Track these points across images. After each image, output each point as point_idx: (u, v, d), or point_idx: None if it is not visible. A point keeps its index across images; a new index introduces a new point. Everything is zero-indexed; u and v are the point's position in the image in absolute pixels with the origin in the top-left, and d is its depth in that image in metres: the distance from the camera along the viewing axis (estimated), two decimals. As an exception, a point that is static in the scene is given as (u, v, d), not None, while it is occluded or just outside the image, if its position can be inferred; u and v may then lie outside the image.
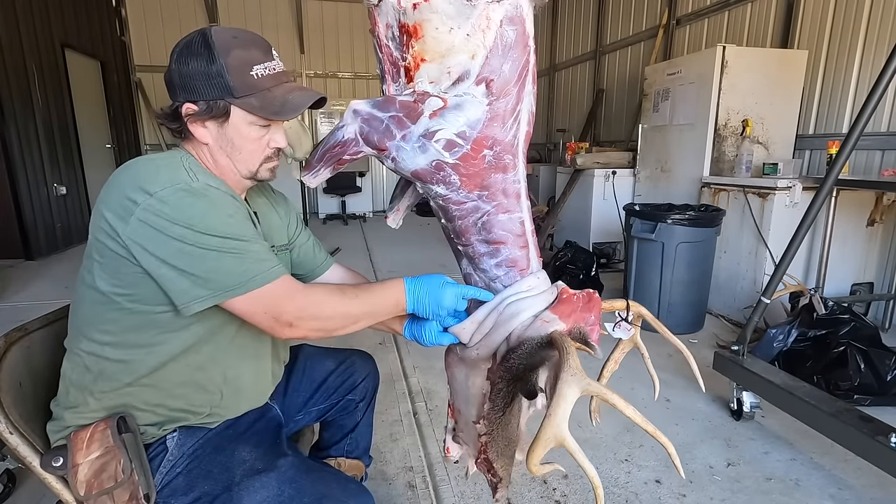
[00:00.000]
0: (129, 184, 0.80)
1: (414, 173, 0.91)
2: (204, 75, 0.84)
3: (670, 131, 3.74)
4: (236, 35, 0.87)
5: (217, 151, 0.91)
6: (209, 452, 0.90)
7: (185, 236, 0.78)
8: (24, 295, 3.71)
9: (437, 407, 2.13)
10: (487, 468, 1.01)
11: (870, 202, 2.99)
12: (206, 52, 0.84)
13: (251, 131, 0.90)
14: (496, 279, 0.97)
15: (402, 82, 0.91)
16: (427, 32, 0.84)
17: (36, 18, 4.86)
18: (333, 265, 1.22)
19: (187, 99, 0.86)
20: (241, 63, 0.85)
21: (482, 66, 0.85)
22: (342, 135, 0.92)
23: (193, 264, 0.79)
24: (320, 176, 0.96)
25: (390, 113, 0.88)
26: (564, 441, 0.71)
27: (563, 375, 0.76)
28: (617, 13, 5.85)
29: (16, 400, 0.88)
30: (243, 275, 0.81)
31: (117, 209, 0.79)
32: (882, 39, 3.02)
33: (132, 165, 0.85)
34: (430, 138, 0.87)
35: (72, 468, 0.83)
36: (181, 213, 0.78)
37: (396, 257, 4.91)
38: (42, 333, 0.99)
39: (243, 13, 7.44)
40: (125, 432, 0.85)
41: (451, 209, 0.94)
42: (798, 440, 1.90)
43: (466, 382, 1.01)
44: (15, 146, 4.55)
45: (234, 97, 0.85)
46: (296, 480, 0.87)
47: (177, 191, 0.79)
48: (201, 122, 0.87)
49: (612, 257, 4.50)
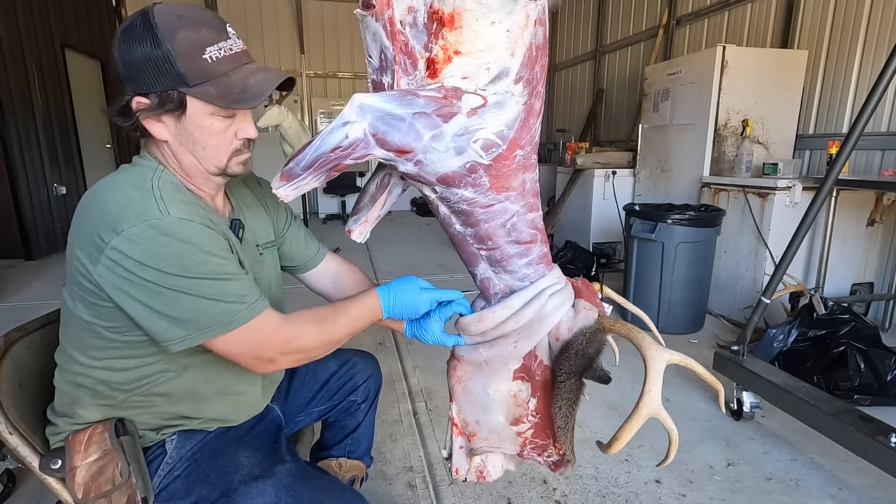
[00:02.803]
0: (97, 219, 0.74)
1: (442, 177, 0.83)
2: (151, 63, 0.74)
3: (670, 131, 3.74)
4: (182, 13, 0.76)
5: (178, 149, 0.82)
6: (207, 456, 0.90)
7: (158, 279, 0.73)
8: (24, 295, 3.72)
9: (437, 407, 2.13)
10: (559, 450, 1.01)
11: (870, 202, 2.99)
12: (150, 36, 0.74)
13: (213, 123, 0.81)
14: (525, 278, 0.93)
15: (420, 76, 0.81)
16: (466, 23, 0.76)
17: (36, 18, 4.86)
18: (327, 257, 1.19)
19: (136, 92, 0.77)
20: (190, 46, 0.75)
21: (521, 65, 0.80)
22: (345, 135, 0.78)
23: (169, 306, 0.75)
24: (304, 187, 0.80)
25: (414, 109, 0.77)
26: (660, 412, 0.78)
27: (647, 353, 0.82)
28: (617, 13, 5.85)
29: (16, 400, 0.88)
30: (221, 316, 0.77)
31: (87, 247, 0.75)
32: (882, 39, 3.02)
33: (100, 194, 0.78)
34: (470, 138, 0.80)
35: (69, 470, 0.83)
36: (152, 254, 0.72)
37: (396, 257, 4.91)
38: (42, 333, 0.99)
39: (243, 13, 7.44)
40: (123, 435, 0.84)
41: (477, 213, 0.87)
42: (798, 440, 1.90)
43: (486, 391, 0.99)
44: (15, 146, 4.55)
45: (188, 86, 0.76)
46: (293, 488, 0.86)
47: (147, 228, 0.72)
48: (155, 117, 0.79)
49: (612, 257, 4.49)
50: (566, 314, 0.92)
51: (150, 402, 0.87)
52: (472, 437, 1.06)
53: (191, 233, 0.76)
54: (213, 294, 0.76)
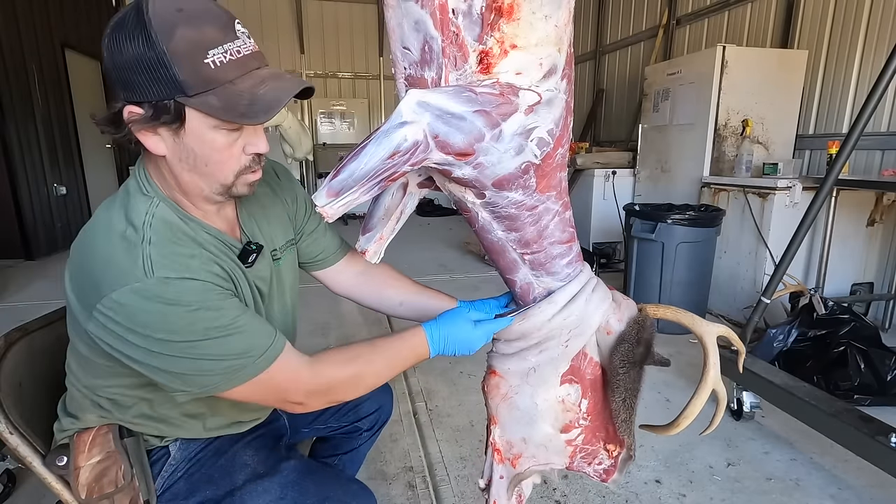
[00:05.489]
0: (86, 272, 0.69)
1: (498, 181, 0.76)
2: (143, 66, 0.63)
3: (670, 131, 3.74)
4: (182, 6, 0.64)
5: (177, 165, 0.72)
6: (210, 456, 0.90)
7: (148, 344, 0.67)
8: (24, 295, 3.72)
9: (437, 407, 2.13)
10: (625, 445, 1.00)
11: (870, 202, 2.99)
12: (142, 34, 0.62)
13: (216, 137, 0.70)
14: (566, 278, 0.89)
15: (470, 70, 0.73)
16: (523, 16, 0.71)
17: (36, 18, 4.86)
18: (348, 255, 1.07)
19: (128, 99, 0.67)
20: (190, 47, 0.63)
21: (566, 62, 0.77)
22: (404, 137, 0.68)
23: (167, 364, 0.68)
24: (353, 202, 0.71)
25: (474, 107, 0.70)
26: (719, 384, 0.86)
27: (700, 330, 0.87)
28: (617, 13, 5.85)
29: (16, 400, 0.87)
30: (225, 373, 0.70)
31: (80, 297, 0.70)
32: (882, 39, 3.02)
33: (92, 237, 0.71)
34: (527, 137, 0.74)
35: (73, 470, 0.82)
36: (136, 320, 0.66)
37: (397, 257, 4.90)
38: (42, 333, 0.99)
39: (243, 13, 7.43)
40: (128, 437, 0.84)
41: (523, 216, 0.82)
42: (798, 440, 1.90)
43: (535, 402, 0.94)
44: (15, 146, 4.55)
45: (187, 95, 0.65)
46: (298, 483, 0.86)
47: (129, 294, 0.65)
48: (150, 129, 0.68)
49: (612, 257, 4.49)
50: (611, 307, 0.91)
51: (157, 416, 0.86)
52: (516, 461, 0.99)
53: (175, 292, 0.67)
54: (212, 353, 0.69)
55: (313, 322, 3.08)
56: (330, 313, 3.23)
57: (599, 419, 0.98)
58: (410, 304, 1.07)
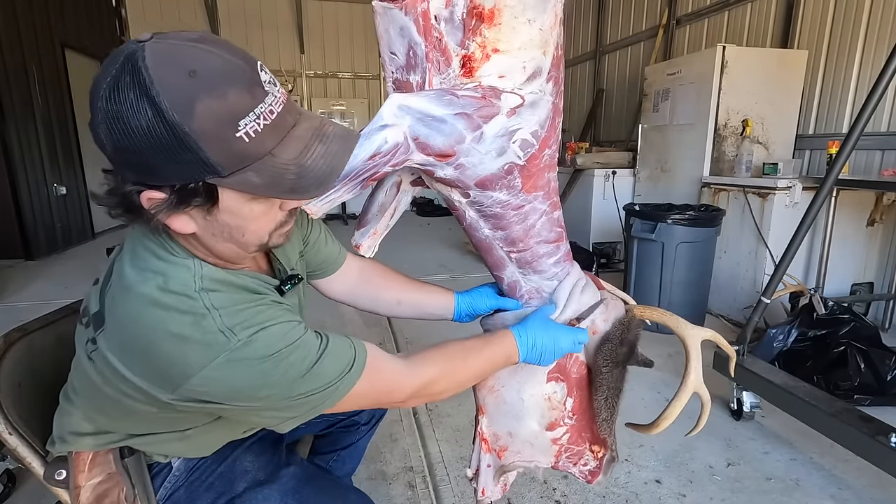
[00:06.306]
0: (157, 356, 0.62)
1: (481, 181, 0.79)
2: (161, 148, 0.52)
3: (670, 131, 3.74)
4: (193, 68, 0.52)
5: (210, 239, 0.65)
6: (210, 463, 0.89)
7: (251, 402, 0.66)
8: (24, 295, 3.71)
9: (437, 407, 2.13)
10: (596, 454, 1.02)
11: (870, 202, 2.99)
12: (151, 107, 0.51)
13: (254, 207, 0.62)
14: (553, 277, 0.92)
15: (453, 74, 0.76)
16: (505, 20, 0.73)
17: (36, 18, 4.86)
18: (348, 259, 1.07)
19: (143, 182, 0.57)
20: (217, 124, 0.52)
21: (552, 64, 0.79)
22: (384, 140, 0.70)
23: (272, 413, 0.68)
24: (335, 200, 0.74)
25: (455, 110, 0.72)
26: (701, 387, 0.87)
27: (685, 333, 0.88)
28: (617, 13, 5.86)
29: (15, 401, 0.87)
30: (327, 394, 0.69)
31: (151, 377, 0.64)
32: (882, 39, 3.02)
33: (145, 325, 0.62)
34: (510, 139, 0.77)
35: (73, 489, 0.80)
36: (235, 386, 0.64)
37: (397, 257, 4.90)
38: (42, 333, 0.98)
39: (243, 13, 7.44)
40: (128, 455, 0.82)
41: (509, 215, 0.85)
42: (798, 440, 1.90)
43: (521, 397, 0.97)
44: (15, 146, 4.55)
45: (220, 176, 0.56)
46: (298, 491, 0.86)
47: (221, 365, 0.61)
48: (177, 212, 0.59)
49: (612, 257, 4.49)
50: (599, 306, 0.93)
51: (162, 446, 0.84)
52: (502, 453, 1.02)
53: (264, 346, 0.63)
54: (313, 388, 0.67)
55: (312, 322, 3.06)
56: (328, 313, 3.23)
57: (585, 419, 0.99)
58: (409, 303, 1.09)
